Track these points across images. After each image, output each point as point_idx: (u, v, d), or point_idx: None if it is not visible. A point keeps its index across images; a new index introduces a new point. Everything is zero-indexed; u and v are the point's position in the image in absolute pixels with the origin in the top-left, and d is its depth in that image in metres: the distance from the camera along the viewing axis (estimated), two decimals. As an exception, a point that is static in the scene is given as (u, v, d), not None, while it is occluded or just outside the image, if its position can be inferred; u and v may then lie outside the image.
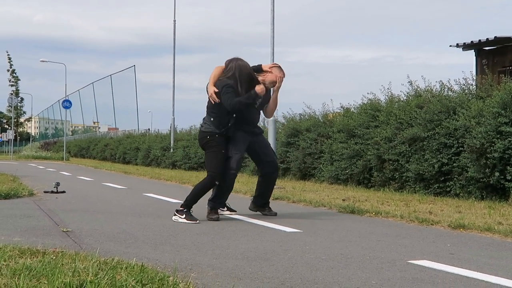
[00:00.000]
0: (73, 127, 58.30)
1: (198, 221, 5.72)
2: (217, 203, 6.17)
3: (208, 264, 3.69)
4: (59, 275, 2.88)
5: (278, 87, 6.32)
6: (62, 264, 3.23)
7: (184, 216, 5.79)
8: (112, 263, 3.30)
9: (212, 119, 6.09)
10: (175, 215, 5.88)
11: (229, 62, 6.13)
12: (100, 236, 4.78)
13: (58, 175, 15.39)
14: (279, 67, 6.36)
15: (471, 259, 4.02)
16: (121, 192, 9.96)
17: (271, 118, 10.13)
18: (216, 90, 5.99)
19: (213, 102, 6.03)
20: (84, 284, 2.79)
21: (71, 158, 34.97)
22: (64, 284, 2.77)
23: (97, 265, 3.21)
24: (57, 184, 9.10)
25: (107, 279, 2.87)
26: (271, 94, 6.49)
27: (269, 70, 6.26)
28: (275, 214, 6.33)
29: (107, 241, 4.51)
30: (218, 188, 6.11)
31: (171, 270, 3.35)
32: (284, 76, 6.36)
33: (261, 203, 6.43)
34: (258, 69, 6.26)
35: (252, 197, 6.68)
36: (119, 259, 3.46)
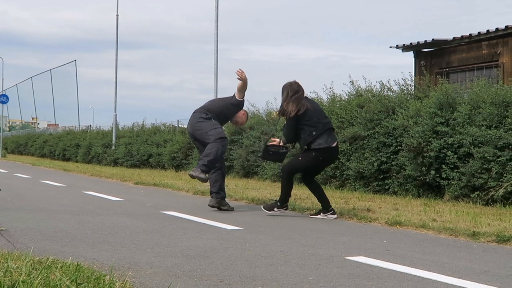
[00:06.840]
0: (11, 123, 56.56)
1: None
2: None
3: (146, 262, 3.65)
4: (-11, 275, 2.79)
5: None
6: (-6, 264, 3.13)
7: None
8: (47, 263, 3.22)
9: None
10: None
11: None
12: (35, 235, 4.66)
13: (-7, 172, 14.89)
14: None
15: (405, 255, 4.13)
16: (60, 190, 9.73)
17: None
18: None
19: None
20: (16, 284, 2.71)
21: (8, 155, 33.88)
22: (-5, 284, 2.69)
23: (31, 265, 3.12)
24: (-8, 181, 8.81)
25: (40, 278, 2.80)
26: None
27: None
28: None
29: (43, 240, 4.40)
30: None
31: (108, 269, 3.30)
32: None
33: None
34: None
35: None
36: (54, 258, 3.38)
